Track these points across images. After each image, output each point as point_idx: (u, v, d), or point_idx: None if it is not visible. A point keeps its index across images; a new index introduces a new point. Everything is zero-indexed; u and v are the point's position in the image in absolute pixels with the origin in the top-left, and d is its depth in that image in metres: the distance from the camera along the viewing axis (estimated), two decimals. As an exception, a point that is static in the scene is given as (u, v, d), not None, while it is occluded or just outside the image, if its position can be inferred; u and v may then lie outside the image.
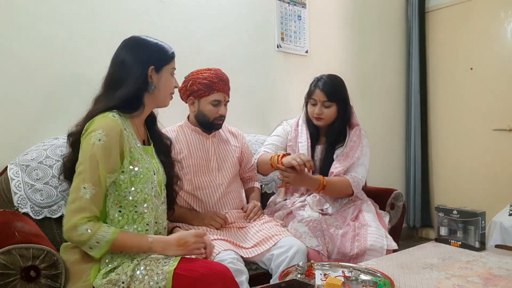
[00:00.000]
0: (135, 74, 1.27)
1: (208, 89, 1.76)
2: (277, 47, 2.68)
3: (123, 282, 1.14)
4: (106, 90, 1.31)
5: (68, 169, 1.30)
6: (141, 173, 1.26)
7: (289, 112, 2.65)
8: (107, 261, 1.19)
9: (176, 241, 1.27)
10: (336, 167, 1.88)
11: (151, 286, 1.13)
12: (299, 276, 1.25)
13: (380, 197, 2.12)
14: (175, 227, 1.53)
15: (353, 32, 3.17)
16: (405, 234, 3.23)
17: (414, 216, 3.48)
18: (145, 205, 1.27)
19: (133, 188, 1.24)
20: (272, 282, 1.56)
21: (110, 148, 1.19)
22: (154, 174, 1.33)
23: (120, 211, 1.25)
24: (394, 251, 1.73)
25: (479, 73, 3.22)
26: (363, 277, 1.30)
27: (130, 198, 1.24)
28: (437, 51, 3.49)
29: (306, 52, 2.84)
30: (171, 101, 1.43)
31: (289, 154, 1.79)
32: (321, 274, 1.33)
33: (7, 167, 1.62)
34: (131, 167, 1.25)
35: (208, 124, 1.83)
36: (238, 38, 2.50)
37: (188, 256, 1.28)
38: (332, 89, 1.88)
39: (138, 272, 1.16)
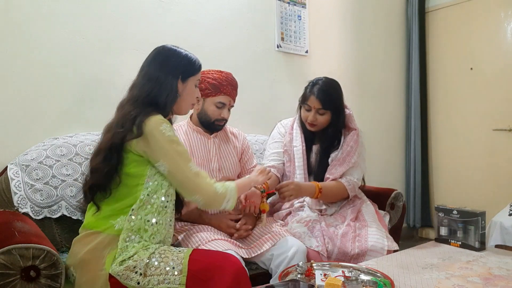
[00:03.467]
0: (169, 89, 1.35)
1: (215, 90, 1.76)
2: (277, 47, 2.68)
3: (140, 268, 1.18)
4: (141, 106, 1.30)
5: (102, 178, 1.27)
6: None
7: (289, 112, 2.63)
8: (123, 250, 1.21)
9: None
10: (332, 173, 1.86)
11: (167, 271, 1.18)
12: (299, 276, 1.25)
13: (380, 197, 2.12)
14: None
15: (353, 32, 3.17)
16: (405, 234, 3.23)
17: (414, 216, 3.48)
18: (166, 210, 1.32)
19: (163, 190, 1.31)
20: (272, 282, 1.56)
21: None
22: None
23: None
24: (395, 251, 1.73)
25: (479, 73, 3.22)
26: (363, 277, 1.30)
27: (163, 198, 1.30)
28: (437, 51, 3.49)
29: (306, 52, 2.84)
30: None
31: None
32: (321, 274, 1.33)
33: (7, 167, 1.62)
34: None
35: (209, 124, 1.82)
36: (238, 38, 2.50)
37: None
38: (327, 97, 1.82)
39: (153, 259, 1.20)
